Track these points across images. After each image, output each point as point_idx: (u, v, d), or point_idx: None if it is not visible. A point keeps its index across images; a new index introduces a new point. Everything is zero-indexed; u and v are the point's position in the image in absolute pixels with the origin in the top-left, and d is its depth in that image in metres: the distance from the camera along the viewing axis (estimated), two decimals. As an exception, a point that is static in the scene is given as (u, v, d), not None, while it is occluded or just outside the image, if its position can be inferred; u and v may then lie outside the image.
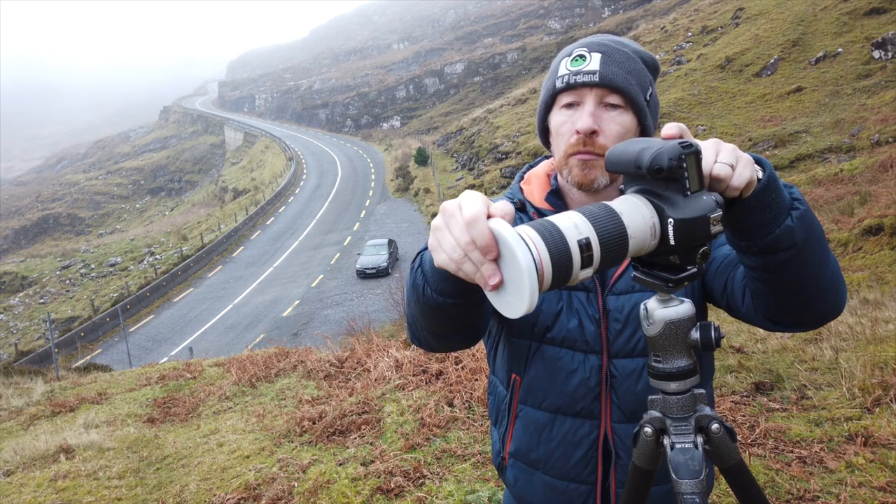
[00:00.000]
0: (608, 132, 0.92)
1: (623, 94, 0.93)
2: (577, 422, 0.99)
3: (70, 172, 78.68)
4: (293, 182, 39.13)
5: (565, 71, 0.95)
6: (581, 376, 0.97)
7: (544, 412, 1.01)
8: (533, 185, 1.07)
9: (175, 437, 4.17)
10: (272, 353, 5.77)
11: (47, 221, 56.68)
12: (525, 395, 1.02)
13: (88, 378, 7.69)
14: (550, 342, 0.99)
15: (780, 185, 0.77)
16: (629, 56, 0.95)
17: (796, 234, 0.77)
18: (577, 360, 0.97)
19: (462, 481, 2.65)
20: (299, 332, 15.86)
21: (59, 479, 3.63)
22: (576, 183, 0.96)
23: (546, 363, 0.99)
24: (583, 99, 0.94)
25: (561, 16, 58.50)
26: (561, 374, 0.98)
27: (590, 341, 0.97)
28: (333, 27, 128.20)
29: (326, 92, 70.28)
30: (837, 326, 3.94)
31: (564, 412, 0.99)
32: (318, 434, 3.48)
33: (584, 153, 0.94)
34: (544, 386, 1.00)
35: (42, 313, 25.42)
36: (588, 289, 0.97)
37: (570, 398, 0.98)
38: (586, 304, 0.97)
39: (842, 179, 12.39)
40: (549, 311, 0.99)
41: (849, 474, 2.25)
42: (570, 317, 0.97)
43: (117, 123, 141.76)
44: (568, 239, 0.66)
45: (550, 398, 1.00)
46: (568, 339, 0.98)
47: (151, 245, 33.91)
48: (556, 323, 0.98)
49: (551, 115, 0.99)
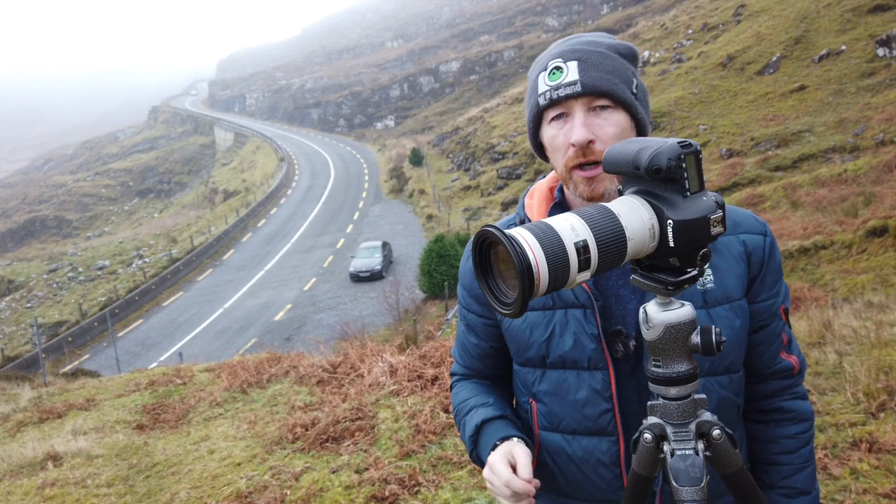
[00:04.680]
0: (604, 136, 0.91)
1: (609, 96, 0.91)
2: (593, 440, 0.97)
3: (57, 174, 77.68)
4: (285, 183, 38.89)
5: (545, 87, 0.93)
6: (588, 395, 0.96)
7: (562, 434, 1.00)
8: (535, 200, 1.06)
9: (165, 444, 4.12)
10: (264, 359, 5.72)
11: (34, 224, 55.89)
12: (543, 420, 1.02)
13: (76, 384, 7.57)
14: (552, 367, 0.99)
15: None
16: (605, 55, 0.92)
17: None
18: (582, 379, 0.96)
19: (458, 489, 2.63)
20: (291, 336, 15.76)
21: (47, 486, 3.57)
22: (585, 198, 0.94)
23: (553, 386, 0.99)
24: (570, 110, 0.92)
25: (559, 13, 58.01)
26: (569, 394, 0.97)
27: (592, 358, 0.95)
28: (326, 25, 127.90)
29: (319, 91, 69.95)
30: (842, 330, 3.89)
31: (580, 432, 0.98)
32: (311, 441, 3.45)
33: (586, 166, 0.92)
34: (558, 409, 0.99)
35: (29, 317, 25.03)
36: (585, 305, 0.95)
37: (583, 417, 0.97)
38: (583, 322, 0.95)
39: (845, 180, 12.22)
40: (539, 340, 0.98)
41: (853, 481, 2.22)
42: (566, 338, 0.96)
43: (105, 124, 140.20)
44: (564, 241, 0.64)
45: (566, 420, 0.99)
46: (568, 361, 0.97)
47: (140, 248, 33.54)
48: (549, 349, 0.98)
49: (542, 130, 0.97)
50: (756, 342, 0.98)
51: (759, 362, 0.99)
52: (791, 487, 0.98)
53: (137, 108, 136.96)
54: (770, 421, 1.00)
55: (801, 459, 0.99)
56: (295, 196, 35.85)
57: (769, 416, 1.00)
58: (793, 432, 0.99)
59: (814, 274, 8.66)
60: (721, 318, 0.93)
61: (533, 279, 0.63)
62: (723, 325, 0.93)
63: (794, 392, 1.00)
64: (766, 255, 0.96)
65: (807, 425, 1.00)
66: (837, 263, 8.70)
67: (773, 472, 0.99)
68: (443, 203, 28.35)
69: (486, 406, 1.04)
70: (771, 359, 0.98)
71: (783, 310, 0.99)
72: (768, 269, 0.96)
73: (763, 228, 0.98)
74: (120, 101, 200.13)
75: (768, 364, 0.99)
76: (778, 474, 0.99)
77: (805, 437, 1.00)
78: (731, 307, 0.94)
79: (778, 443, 0.99)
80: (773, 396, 1.00)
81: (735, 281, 0.94)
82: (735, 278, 0.94)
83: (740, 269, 0.95)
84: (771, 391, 1.00)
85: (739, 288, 0.94)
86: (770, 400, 1.00)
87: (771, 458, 1.00)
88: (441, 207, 27.70)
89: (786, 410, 0.99)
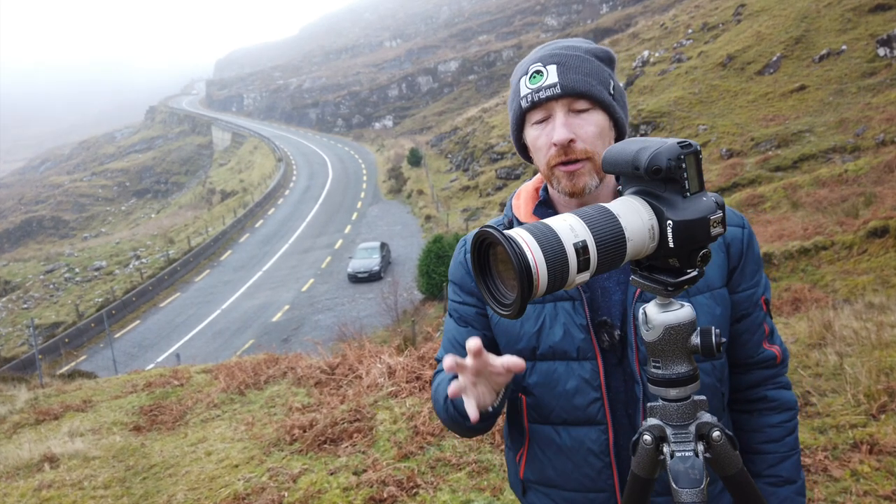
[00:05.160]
0: (584, 135, 0.95)
1: (587, 97, 0.95)
2: (583, 430, 0.99)
3: (54, 174, 77.38)
4: (282, 184, 38.83)
5: (526, 90, 0.97)
6: (577, 384, 0.98)
7: (552, 426, 1.02)
8: (521, 200, 1.09)
9: (162, 446, 4.10)
10: (261, 360, 5.70)
11: (31, 224, 55.67)
12: (533, 412, 1.04)
13: (73, 385, 7.54)
14: (542, 358, 1.00)
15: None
16: (583, 58, 0.97)
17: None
18: (572, 370, 0.98)
19: (457, 491, 2.63)
20: (289, 337, 15.72)
21: (44, 488, 3.55)
22: (566, 192, 0.98)
23: (543, 378, 1.00)
24: (551, 112, 0.96)
25: (558, 12, 57.73)
26: (559, 385, 0.99)
27: (581, 348, 0.98)
28: (324, 24, 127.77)
29: (317, 91, 69.81)
30: (842, 331, 3.87)
31: (570, 422, 1.00)
32: (309, 443, 3.44)
33: (567, 163, 0.96)
34: (547, 400, 1.01)
35: (25, 318, 24.92)
36: (573, 297, 0.98)
37: (573, 407, 0.99)
38: (573, 314, 0.98)
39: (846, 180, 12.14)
40: (529, 332, 1.00)
41: (854, 483, 2.21)
42: (555, 329, 0.98)
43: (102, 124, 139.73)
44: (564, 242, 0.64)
45: (556, 411, 1.01)
46: (558, 351, 0.99)
47: (137, 248, 33.45)
48: (539, 340, 1.00)
49: (525, 132, 1.02)
50: (738, 332, 1.02)
51: (743, 352, 1.02)
52: (777, 476, 1.01)
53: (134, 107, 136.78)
54: (754, 410, 1.04)
55: (786, 448, 1.02)
56: (293, 197, 35.79)
57: (753, 405, 1.04)
58: (777, 421, 1.02)
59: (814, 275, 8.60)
60: (701, 306, 0.95)
61: (532, 280, 0.63)
62: (703, 313, 0.95)
63: (777, 382, 1.04)
64: (744, 245, 1.01)
65: (791, 414, 1.03)
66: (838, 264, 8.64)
67: (759, 461, 1.02)
68: (441, 203, 28.32)
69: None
70: (754, 348, 1.02)
71: (763, 300, 1.03)
72: (747, 259, 1.00)
73: (741, 221, 1.02)
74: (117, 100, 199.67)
75: (751, 354, 1.02)
76: (764, 463, 1.02)
77: (789, 426, 1.03)
78: (712, 295, 0.97)
79: (762, 432, 1.02)
80: (757, 386, 1.03)
81: (715, 271, 0.98)
82: (715, 268, 0.98)
83: (719, 259, 0.99)
84: (755, 381, 1.03)
85: (719, 277, 0.99)
86: (754, 390, 1.03)
87: (756, 448, 1.03)
88: (440, 208, 27.67)
89: (770, 400, 1.03)
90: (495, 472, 2.73)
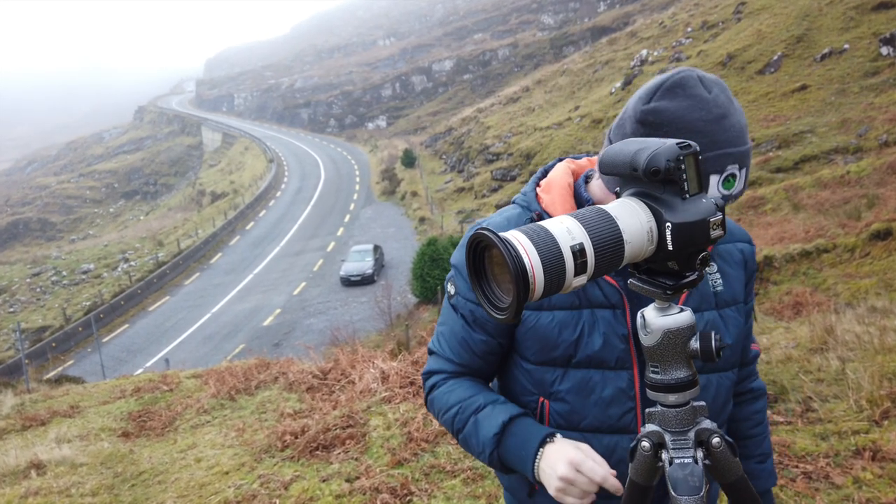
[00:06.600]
0: None
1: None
2: (615, 438, 0.99)
3: (41, 175, 76.32)
4: (274, 185, 38.62)
5: (717, 193, 0.88)
6: (613, 393, 0.97)
7: (581, 432, 1.00)
8: (554, 196, 1.01)
9: (151, 453, 4.05)
10: (252, 365, 5.65)
11: (17, 227, 54.83)
12: (559, 419, 1.01)
13: (60, 390, 7.44)
14: (577, 366, 0.99)
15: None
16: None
17: None
18: (608, 378, 0.98)
19: (451, 498, 2.61)
20: (281, 342, 15.61)
21: (30, 495, 3.49)
22: None
23: (575, 385, 0.99)
24: None
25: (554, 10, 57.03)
26: (594, 393, 0.98)
27: (620, 358, 0.97)
28: (316, 23, 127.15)
29: (309, 90, 69.38)
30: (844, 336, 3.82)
31: (603, 430, 1.00)
32: (301, 449, 3.41)
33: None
34: (580, 408, 1.00)
35: (11, 322, 24.51)
36: (615, 305, 0.96)
37: (606, 416, 0.99)
38: (613, 322, 0.96)
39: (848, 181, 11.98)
40: (568, 340, 0.98)
41: (856, 490, 2.19)
42: (595, 338, 0.97)
43: (90, 124, 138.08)
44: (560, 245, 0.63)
45: (588, 419, 1.00)
46: (595, 360, 0.98)
47: (126, 251, 33.05)
48: (578, 349, 0.98)
49: None
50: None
51: (743, 355, 1.13)
52: (763, 454, 1.15)
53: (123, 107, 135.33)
54: (744, 401, 1.15)
55: (765, 428, 1.17)
56: (284, 198, 35.60)
57: (742, 397, 1.15)
58: (759, 407, 1.16)
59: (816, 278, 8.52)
60: (731, 319, 1.02)
61: (528, 283, 0.62)
62: (733, 325, 1.02)
63: (755, 373, 1.18)
64: (753, 262, 1.08)
65: (765, 399, 1.19)
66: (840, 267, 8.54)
67: (751, 445, 1.15)
68: (436, 205, 28.26)
69: (504, 403, 1.02)
70: (747, 350, 1.13)
71: None
72: (753, 274, 1.08)
73: (749, 237, 1.09)
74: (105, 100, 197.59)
75: (746, 354, 1.13)
76: (754, 445, 1.15)
77: (765, 408, 1.19)
78: (737, 308, 1.04)
79: (751, 419, 1.15)
80: (745, 380, 1.15)
81: (739, 286, 1.04)
82: (738, 283, 1.04)
83: (741, 275, 1.05)
84: (744, 376, 1.15)
85: (742, 292, 1.05)
86: (742, 384, 1.15)
87: (747, 433, 1.15)
88: (434, 210, 27.62)
89: (753, 390, 1.16)
90: (490, 479, 2.72)
